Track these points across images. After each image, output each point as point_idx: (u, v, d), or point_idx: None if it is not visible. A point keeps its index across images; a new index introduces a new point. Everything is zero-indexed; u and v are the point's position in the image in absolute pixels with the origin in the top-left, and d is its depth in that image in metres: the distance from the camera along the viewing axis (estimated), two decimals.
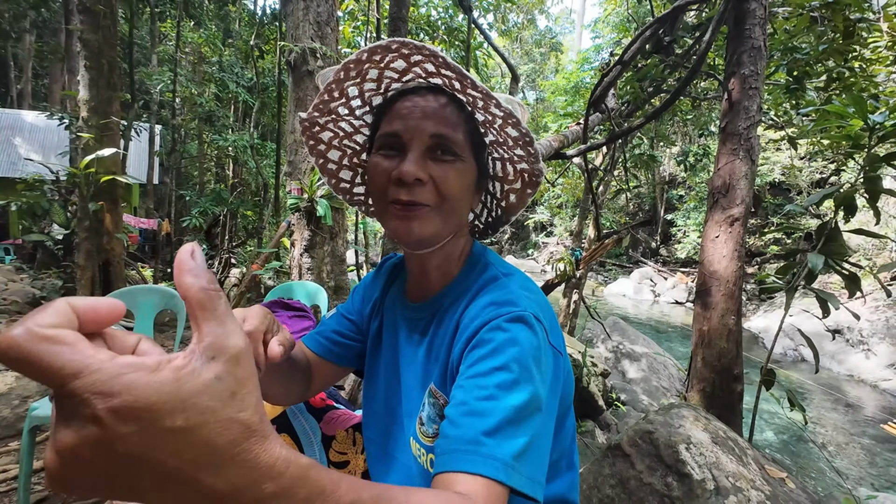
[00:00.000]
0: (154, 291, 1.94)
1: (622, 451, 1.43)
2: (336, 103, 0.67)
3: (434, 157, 0.60)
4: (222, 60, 9.16)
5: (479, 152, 0.65)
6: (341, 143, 0.74)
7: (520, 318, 0.55)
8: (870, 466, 4.88)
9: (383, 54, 0.58)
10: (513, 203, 0.73)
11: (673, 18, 3.07)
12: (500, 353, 0.52)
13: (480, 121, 0.63)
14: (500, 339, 0.53)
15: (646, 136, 6.14)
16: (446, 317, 0.65)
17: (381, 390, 0.74)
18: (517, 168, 0.68)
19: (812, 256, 1.78)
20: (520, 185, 0.70)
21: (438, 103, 0.60)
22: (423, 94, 0.60)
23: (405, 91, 0.62)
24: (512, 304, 0.57)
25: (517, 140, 0.62)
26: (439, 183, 0.59)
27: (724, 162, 2.21)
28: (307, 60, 2.67)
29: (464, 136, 0.61)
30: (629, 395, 4.90)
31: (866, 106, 1.85)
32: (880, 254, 9.81)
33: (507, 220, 0.75)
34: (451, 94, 0.61)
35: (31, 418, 1.48)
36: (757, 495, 1.17)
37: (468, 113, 0.62)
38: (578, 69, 13.58)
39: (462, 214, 0.65)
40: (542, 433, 0.51)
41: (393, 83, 0.63)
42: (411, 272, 0.73)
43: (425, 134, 0.59)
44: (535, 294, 0.62)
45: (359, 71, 0.61)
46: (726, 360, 2.13)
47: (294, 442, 0.83)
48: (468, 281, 0.66)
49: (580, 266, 4.94)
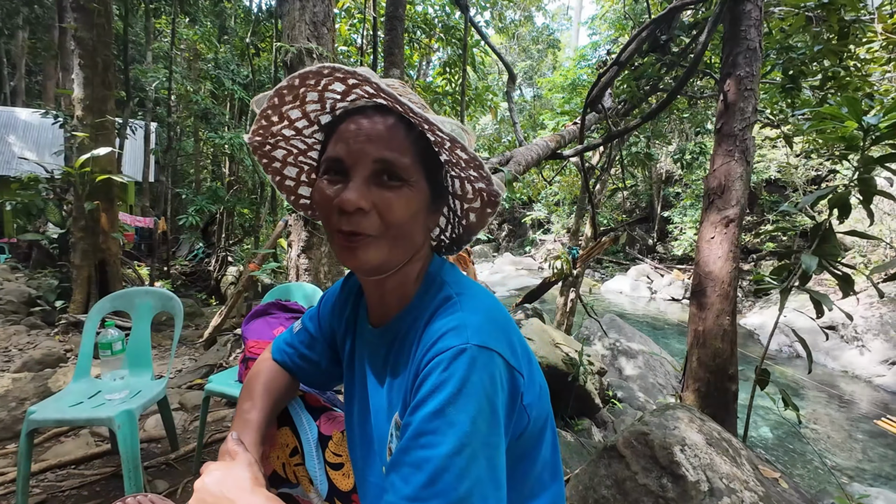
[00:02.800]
0: (151, 293, 1.94)
1: (618, 452, 1.44)
2: (278, 126, 0.65)
3: (378, 183, 0.57)
4: (218, 57, 9.10)
5: (432, 172, 0.62)
6: (296, 159, 0.72)
7: (460, 352, 0.52)
8: (864, 462, 4.94)
9: (317, 79, 0.56)
10: (473, 222, 0.70)
11: (669, 18, 3.07)
12: (436, 396, 0.50)
13: (432, 140, 0.59)
14: (435, 382, 0.51)
15: (642, 135, 6.14)
16: (405, 343, 0.63)
17: (355, 413, 0.73)
18: (475, 186, 0.65)
19: (806, 257, 1.80)
20: (479, 205, 0.67)
21: (385, 125, 0.57)
22: (368, 115, 0.57)
23: (351, 111, 0.59)
24: (457, 333, 0.54)
25: (468, 163, 0.59)
26: (383, 211, 0.56)
27: (719, 163, 2.22)
28: (303, 61, 2.66)
29: (412, 157, 0.58)
30: (626, 393, 4.92)
31: (860, 107, 1.86)
32: (874, 251, 9.86)
33: (469, 239, 0.73)
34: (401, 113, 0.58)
35: (28, 421, 1.48)
36: (750, 496, 1.19)
37: (419, 132, 0.58)
38: (575, 66, 13.57)
39: (414, 239, 0.62)
40: (488, 466, 0.50)
41: (338, 103, 0.61)
42: (368, 295, 0.71)
43: (368, 159, 0.56)
44: (487, 313, 0.58)
45: (294, 95, 0.59)
46: (721, 360, 2.15)
47: (294, 435, 0.83)
48: (423, 303, 0.64)
49: (577, 264, 4.95)
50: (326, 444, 0.83)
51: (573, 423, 3.40)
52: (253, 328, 1.88)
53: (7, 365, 3.32)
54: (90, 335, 1.80)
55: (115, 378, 1.74)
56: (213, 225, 9.75)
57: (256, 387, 0.79)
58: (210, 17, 10.39)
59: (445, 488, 0.47)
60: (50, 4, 11.73)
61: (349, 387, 0.76)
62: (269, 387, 0.80)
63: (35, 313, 4.61)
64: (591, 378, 3.71)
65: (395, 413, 0.63)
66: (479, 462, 0.49)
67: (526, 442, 0.60)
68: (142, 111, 9.26)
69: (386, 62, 3.32)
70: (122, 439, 1.48)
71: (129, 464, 1.48)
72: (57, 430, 2.13)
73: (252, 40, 7.60)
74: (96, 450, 1.97)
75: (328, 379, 0.86)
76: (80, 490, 1.73)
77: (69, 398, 1.63)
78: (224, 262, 8.31)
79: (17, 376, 2.43)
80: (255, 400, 0.77)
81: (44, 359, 3.20)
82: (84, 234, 4.45)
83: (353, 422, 0.74)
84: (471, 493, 0.47)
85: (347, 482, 0.80)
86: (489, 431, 0.51)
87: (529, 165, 2.94)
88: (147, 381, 1.82)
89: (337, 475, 0.81)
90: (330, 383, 0.88)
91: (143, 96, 8.82)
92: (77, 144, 4.41)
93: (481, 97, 8.80)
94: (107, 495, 1.70)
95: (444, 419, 0.49)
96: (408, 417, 0.53)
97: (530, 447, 0.61)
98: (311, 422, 0.85)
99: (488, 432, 0.50)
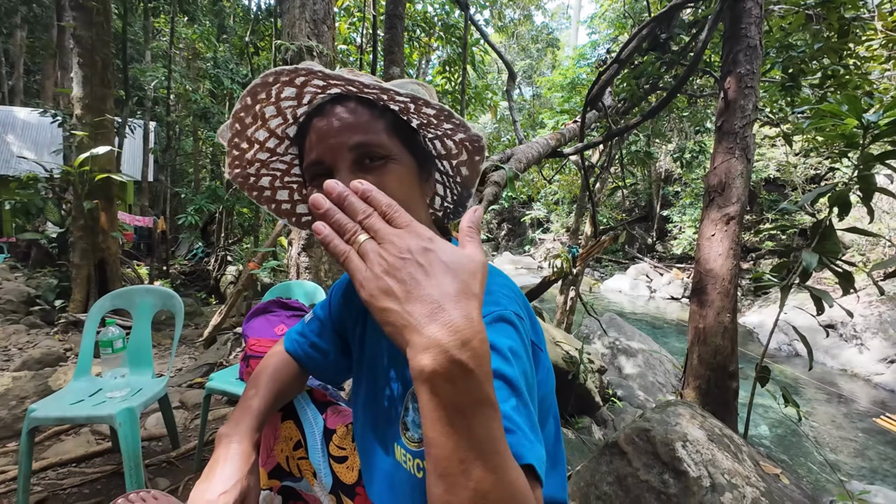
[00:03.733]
0: (151, 292, 1.94)
1: (619, 448, 1.44)
2: (251, 153, 0.65)
3: (363, 168, 0.57)
4: (217, 56, 9.08)
5: (410, 140, 0.62)
6: (283, 181, 0.72)
7: (501, 317, 0.53)
8: (863, 459, 4.95)
9: (267, 90, 0.56)
10: (467, 175, 0.71)
11: (670, 16, 3.07)
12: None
13: (398, 110, 0.59)
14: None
15: (642, 133, 6.15)
16: None
17: (361, 397, 0.74)
18: (455, 140, 0.65)
19: (807, 255, 1.80)
20: (465, 157, 0.68)
21: (348, 111, 0.57)
22: (329, 111, 0.58)
23: (313, 113, 0.60)
24: (493, 303, 0.55)
25: (437, 116, 0.59)
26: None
27: (720, 161, 2.22)
28: (304, 58, 2.65)
29: (386, 132, 0.58)
30: (625, 391, 4.94)
31: (860, 105, 1.86)
32: (874, 249, 9.87)
33: (468, 194, 0.73)
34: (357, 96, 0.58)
35: (29, 419, 1.48)
36: (752, 492, 1.19)
37: (382, 106, 0.58)
38: (575, 65, 13.58)
39: (416, 212, 0.61)
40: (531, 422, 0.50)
41: (297, 109, 0.61)
42: None
43: (344, 150, 0.56)
44: (514, 290, 0.60)
45: (253, 115, 0.59)
46: (722, 357, 2.15)
47: (298, 429, 0.83)
48: None
49: (577, 263, 4.96)
50: (331, 437, 0.83)
51: (574, 420, 3.40)
52: (254, 326, 1.88)
53: (7, 364, 3.32)
54: (91, 333, 1.79)
55: (116, 376, 1.74)
56: (213, 224, 9.73)
57: (262, 376, 0.80)
58: (209, 15, 10.37)
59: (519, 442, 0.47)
60: (48, 3, 11.70)
61: (358, 373, 0.77)
62: (275, 376, 0.80)
63: (34, 312, 4.60)
64: (591, 376, 3.72)
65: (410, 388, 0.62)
66: (533, 414, 0.49)
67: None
68: (140, 110, 9.23)
69: (386, 60, 3.32)
70: (124, 437, 1.48)
71: (131, 461, 1.48)
72: (57, 429, 2.13)
73: (252, 39, 7.58)
74: (97, 448, 1.96)
75: (337, 370, 0.86)
76: (81, 488, 1.73)
77: (70, 396, 1.63)
78: (223, 262, 8.30)
79: (17, 375, 2.43)
80: (259, 388, 0.77)
81: (43, 358, 3.20)
82: (83, 233, 4.44)
83: (359, 406, 0.74)
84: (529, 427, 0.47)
85: (351, 475, 0.80)
86: (529, 386, 0.52)
87: (530, 163, 2.95)
88: (148, 380, 1.82)
89: (341, 468, 0.80)
90: (338, 376, 0.88)
91: (141, 95, 8.79)
92: (76, 143, 4.40)
93: (481, 96, 8.81)
94: (108, 493, 1.70)
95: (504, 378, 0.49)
96: None
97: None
98: (318, 415, 0.85)
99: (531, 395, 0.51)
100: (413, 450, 0.60)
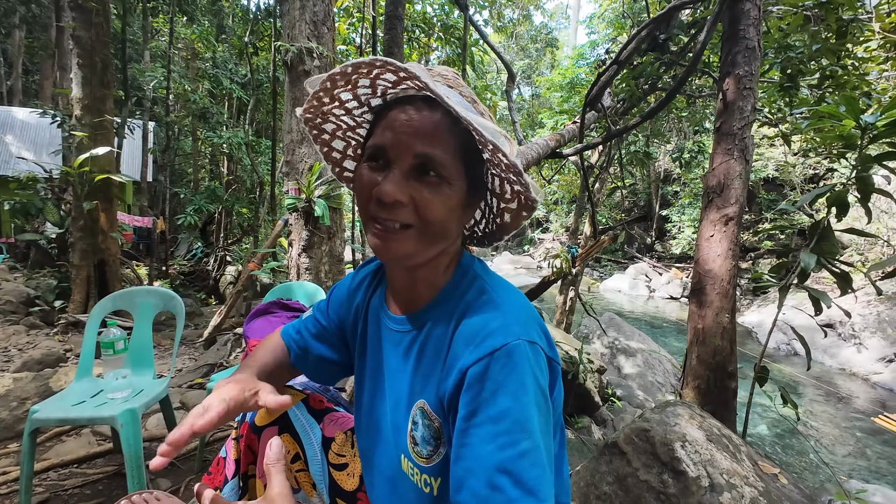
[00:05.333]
0: (152, 293, 1.94)
1: (619, 448, 1.45)
2: (329, 106, 0.66)
3: (418, 178, 0.57)
4: (216, 56, 9.07)
5: (472, 167, 0.62)
6: (345, 134, 0.73)
7: (514, 349, 0.54)
8: (861, 459, 4.97)
9: (369, 69, 0.56)
10: (507, 222, 0.71)
11: (668, 18, 3.08)
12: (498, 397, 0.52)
13: (477, 138, 0.59)
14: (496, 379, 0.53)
15: (641, 134, 6.16)
16: (435, 332, 0.64)
17: (365, 400, 0.74)
18: (514, 187, 0.65)
19: (805, 255, 1.81)
20: (516, 206, 0.68)
21: (431, 120, 0.57)
22: (417, 107, 0.58)
23: (401, 98, 0.60)
24: (505, 330, 0.56)
25: (507, 168, 0.60)
26: (420, 206, 0.57)
27: (718, 161, 2.23)
28: (304, 60, 2.66)
29: (454, 154, 0.58)
30: (625, 391, 4.95)
31: (858, 106, 1.87)
32: (872, 249, 9.90)
33: (501, 237, 0.74)
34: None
35: (31, 421, 1.48)
36: (750, 491, 1.20)
37: (464, 126, 0.58)
38: (574, 65, 13.59)
39: (448, 234, 0.62)
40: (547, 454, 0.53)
41: (388, 90, 0.61)
42: (393, 283, 0.71)
43: (410, 152, 0.56)
44: (524, 308, 0.61)
45: (347, 80, 0.60)
46: (721, 358, 2.16)
47: (295, 441, 0.83)
48: (456, 294, 0.64)
49: (576, 263, 4.96)
50: (329, 445, 0.84)
51: (573, 420, 3.41)
52: (255, 327, 1.88)
53: (7, 365, 3.32)
54: (92, 335, 1.80)
55: (118, 377, 1.74)
56: (212, 224, 9.73)
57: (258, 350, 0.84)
58: (208, 15, 10.36)
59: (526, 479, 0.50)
60: (47, 3, 11.68)
61: (360, 374, 0.77)
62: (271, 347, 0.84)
63: (34, 313, 4.60)
64: (591, 376, 3.73)
65: (418, 400, 0.63)
66: (542, 452, 0.52)
67: None
68: (139, 110, 9.22)
69: None
70: (126, 438, 1.48)
71: (133, 462, 1.49)
72: (58, 430, 2.13)
73: (251, 40, 7.58)
74: (98, 449, 1.97)
75: (332, 372, 0.85)
76: (83, 489, 1.73)
77: (71, 397, 1.63)
78: (223, 262, 8.30)
79: (18, 376, 2.43)
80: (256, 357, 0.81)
81: (43, 359, 3.20)
82: (83, 233, 4.44)
83: (362, 408, 0.74)
84: (540, 481, 0.50)
85: (352, 481, 0.81)
86: (545, 420, 0.54)
87: (529, 164, 2.96)
88: (149, 381, 1.83)
89: (341, 475, 0.81)
90: (334, 377, 0.87)
91: (140, 95, 8.78)
92: (76, 144, 4.40)
93: (481, 96, 8.82)
94: (109, 494, 1.71)
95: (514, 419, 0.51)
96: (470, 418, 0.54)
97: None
98: (314, 425, 0.85)
99: (545, 422, 0.54)
100: (422, 465, 0.61)
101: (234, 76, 8.31)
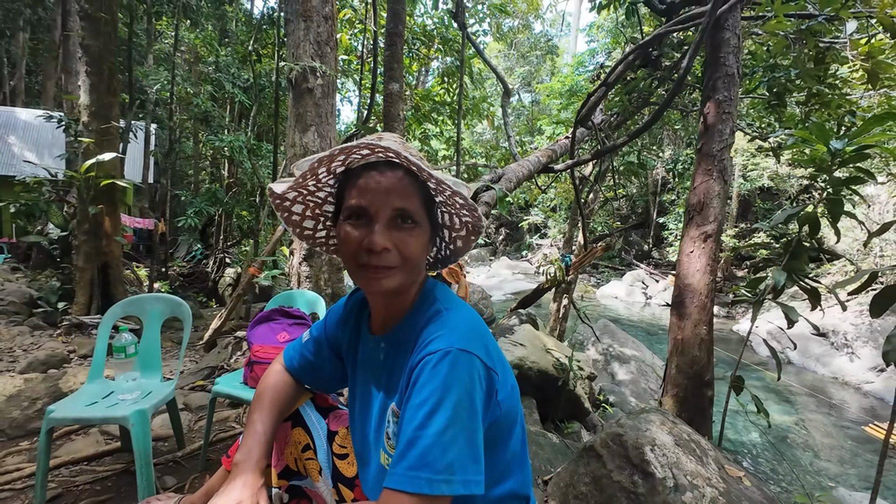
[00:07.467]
0: (161, 300, 2.05)
1: (595, 452, 1.56)
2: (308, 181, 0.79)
3: (396, 226, 0.71)
4: (218, 61, 9.18)
5: (431, 210, 0.77)
6: (304, 199, 0.85)
7: (445, 354, 0.66)
8: (851, 467, 5.06)
9: (350, 150, 0.70)
10: (460, 247, 0.86)
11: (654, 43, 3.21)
12: (425, 389, 0.65)
13: (432, 187, 0.75)
14: (426, 376, 0.66)
15: (634, 147, 6.29)
16: (404, 347, 0.78)
17: (357, 409, 0.88)
18: (462, 220, 0.80)
19: (776, 273, 1.93)
20: (465, 233, 0.83)
21: (397, 178, 0.71)
22: (381, 170, 0.71)
23: (367, 165, 0.72)
24: (443, 339, 0.68)
25: (463, 206, 0.75)
26: (402, 248, 0.71)
27: (699, 181, 2.35)
28: (307, 78, 2.78)
29: (420, 202, 0.73)
30: (618, 397, 5.05)
31: (828, 133, 2.00)
32: (865, 259, 10.02)
33: (454, 259, 0.89)
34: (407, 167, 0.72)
35: (48, 419, 1.58)
36: (711, 492, 1.31)
37: (421, 181, 0.73)
38: (573, 72, 13.75)
39: (421, 266, 0.78)
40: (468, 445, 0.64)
41: (356, 161, 0.75)
42: (375, 309, 0.86)
43: (388, 208, 0.70)
44: (468, 324, 0.73)
45: (331, 160, 0.73)
46: (698, 367, 2.27)
47: (307, 434, 0.97)
48: (419, 314, 0.78)
49: (570, 271, 5.08)
50: (333, 438, 0.97)
51: (563, 425, 3.51)
52: (257, 333, 2.00)
53: (12, 365, 3.41)
54: (104, 339, 1.90)
55: (128, 380, 1.85)
56: (212, 226, 9.81)
57: (265, 398, 0.94)
58: (211, 20, 10.47)
59: (433, 460, 0.61)
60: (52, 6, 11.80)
61: (353, 387, 0.91)
62: (276, 398, 0.95)
63: (37, 314, 4.68)
64: (581, 383, 3.83)
65: (391, 403, 0.78)
66: (460, 441, 0.63)
67: (497, 430, 0.74)
68: (142, 113, 9.32)
69: (386, 76, 3.46)
70: (136, 437, 1.59)
71: (142, 460, 1.59)
72: (68, 429, 2.23)
73: (255, 47, 7.70)
74: (107, 447, 2.07)
75: (330, 383, 1.00)
76: (93, 485, 1.83)
77: (84, 398, 1.74)
78: (222, 264, 8.39)
79: (29, 377, 2.53)
80: (263, 412, 0.92)
81: (48, 359, 3.30)
82: (87, 237, 4.54)
83: (355, 416, 0.89)
84: (452, 463, 0.62)
85: (352, 469, 0.94)
86: (468, 417, 0.65)
87: (520, 181, 3.08)
88: (157, 383, 1.93)
89: (343, 464, 0.95)
90: (332, 387, 1.02)
91: (143, 98, 8.88)
92: (82, 150, 4.51)
93: (478, 107, 8.97)
94: (118, 490, 1.81)
95: (432, 408, 0.63)
96: (404, 407, 0.68)
97: (501, 436, 0.76)
98: (321, 420, 1.00)
99: (467, 418, 0.65)
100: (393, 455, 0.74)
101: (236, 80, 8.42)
